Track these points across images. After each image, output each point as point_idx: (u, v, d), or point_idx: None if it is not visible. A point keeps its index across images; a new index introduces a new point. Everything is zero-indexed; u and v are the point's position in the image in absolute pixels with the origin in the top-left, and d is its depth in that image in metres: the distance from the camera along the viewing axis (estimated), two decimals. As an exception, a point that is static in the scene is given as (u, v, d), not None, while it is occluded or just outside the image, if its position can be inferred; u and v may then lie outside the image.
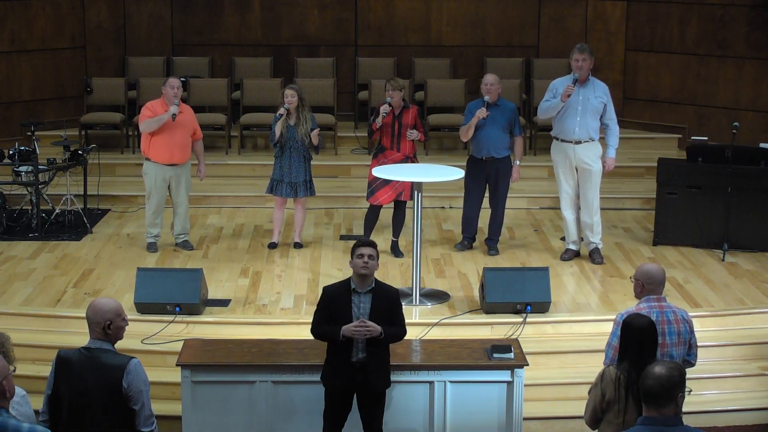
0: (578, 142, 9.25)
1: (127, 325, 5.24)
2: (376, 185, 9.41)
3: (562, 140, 9.32)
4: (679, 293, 8.80)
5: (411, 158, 9.44)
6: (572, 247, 9.64)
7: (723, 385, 7.89)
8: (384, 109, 9.22)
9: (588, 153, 9.29)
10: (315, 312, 6.42)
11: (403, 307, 7.91)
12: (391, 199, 9.44)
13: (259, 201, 11.22)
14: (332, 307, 6.30)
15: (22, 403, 5.09)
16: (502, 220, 9.77)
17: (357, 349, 6.27)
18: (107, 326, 5.08)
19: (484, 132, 9.38)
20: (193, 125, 9.68)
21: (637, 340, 5.34)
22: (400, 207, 9.57)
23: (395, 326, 6.33)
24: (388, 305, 6.34)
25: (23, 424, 4.56)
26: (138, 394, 5.04)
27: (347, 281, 6.35)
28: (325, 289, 6.47)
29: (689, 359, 5.96)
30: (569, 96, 9.05)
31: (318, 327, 6.36)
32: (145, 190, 9.68)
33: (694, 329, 5.97)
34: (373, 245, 6.32)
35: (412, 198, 9.45)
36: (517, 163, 9.60)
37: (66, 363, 5.11)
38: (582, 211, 9.48)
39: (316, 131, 9.51)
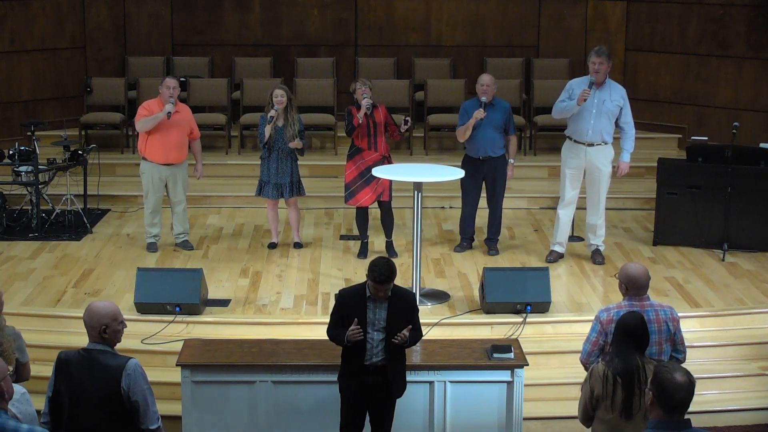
0: (590, 144, 9.23)
1: (125, 327, 5.22)
2: (355, 187, 9.35)
3: (575, 141, 9.30)
4: (679, 293, 8.80)
5: (387, 158, 9.42)
6: (557, 249, 9.58)
7: (723, 385, 7.88)
8: (367, 104, 9.16)
9: (599, 156, 9.27)
10: (331, 314, 6.35)
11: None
12: (372, 200, 9.36)
13: (259, 201, 11.15)
14: (347, 312, 6.17)
15: (22, 401, 5.09)
16: (501, 219, 9.77)
17: (371, 353, 6.18)
18: (103, 330, 5.09)
19: (480, 132, 9.38)
20: (190, 124, 9.67)
21: (629, 338, 5.34)
22: (384, 208, 9.48)
23: (414, 330, 6.23)
24: (407, 310, 6.23)
25: (22, 425, 4.56)
26: (141, 393, 5.05)
27: (363, 287, 6.20)
28: (341, 293, 6.40)
29: (677, 356, 5.95)
30: (585, 100, 9.05)
31: (332, 330, 6.28)
32: (143, 190, 9.70)
33: (682, 328, 5.93)
34: (391, 279, 6.10)
35: (392, 197, 9.44)
36: (512, 161, 9.61)
37: (65, 365, 5.12)
38: (588, 213, 9.48)
39: (296, 142, 9.41)
